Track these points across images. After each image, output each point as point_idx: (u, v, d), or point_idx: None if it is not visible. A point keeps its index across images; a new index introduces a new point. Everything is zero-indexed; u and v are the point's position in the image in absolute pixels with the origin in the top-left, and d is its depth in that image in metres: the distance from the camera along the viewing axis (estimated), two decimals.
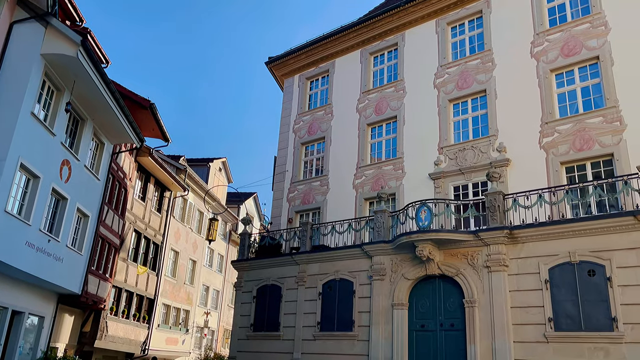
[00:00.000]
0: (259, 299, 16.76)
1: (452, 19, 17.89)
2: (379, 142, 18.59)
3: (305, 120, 21.11)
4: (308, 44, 21.40)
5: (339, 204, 18.32)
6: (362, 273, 14.68)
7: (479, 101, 16.44)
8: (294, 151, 20.89)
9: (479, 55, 16.73)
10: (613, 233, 11.06)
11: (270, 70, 22.96)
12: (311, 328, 15.07)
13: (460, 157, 15.86)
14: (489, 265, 12.38)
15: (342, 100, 20.12)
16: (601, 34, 14.39)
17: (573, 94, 14.60)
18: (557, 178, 13.81)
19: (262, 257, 17.34)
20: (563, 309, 11.22)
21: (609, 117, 13.51)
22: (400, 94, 18.35)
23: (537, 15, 15.85)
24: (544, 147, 14.38)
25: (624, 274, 10.72)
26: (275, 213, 20.31)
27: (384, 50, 19.71)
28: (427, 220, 13.36)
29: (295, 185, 20.21)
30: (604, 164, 13.43)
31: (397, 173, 17.27)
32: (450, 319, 12.90)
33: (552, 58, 15.10)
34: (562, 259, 11.53)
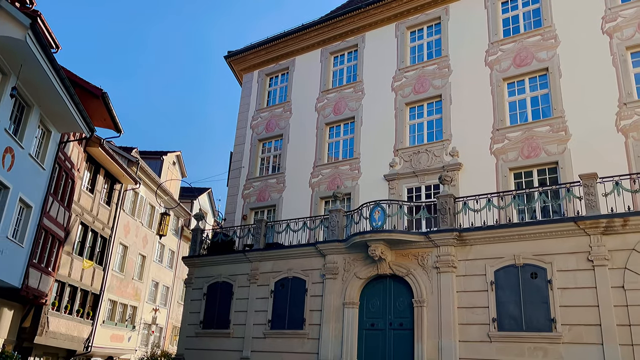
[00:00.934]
0: (210, 296, 16.51)
1: (412, 24, 18.22)
2: (336, 142, 18.70)
3: (264, 117, 20.97)
4: (269, 40, 21.27)
5: (294, 202, 18.31)
6: (315, 272, 14.72)
7: (434, 106, 16.81)
8: (251, 147, 20.71)
9: (436, 61, 17.11)
10: (555, 238, 11.57)
11: (229, 64, 22.68)
12: (262, 326, 14.99)
13: (415, 159, 16.18)
14: (438, 266, 12.68)
15: (301, 98, 20.11)
16: (551, 47, 15.02)
17: (523, 103, 15.16)
18: (506, 183, 14.31)
19: (214, 253, 17.08)
20: (506, 309, 11.64)
21: (555, 126, 14.12)
22: (358, 95, 18.52)
23: (492, 25, 16.37)
24: (495, 153, 14.87)
25: (563, 277, 11.23)
26: (229, 209, 20.08)
27: (344, 51, 19.84)
28: (380, 220, 13.55)
29: (251, 181, 20.05)
30: (549, 171, 14.03)
31: (354, 173, 17.43)
32: (399, 318, 13.13)
33: (504, 67, 15.63)
34: (507, 261, 11.95)
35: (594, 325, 10.58)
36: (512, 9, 16.41)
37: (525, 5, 16.16)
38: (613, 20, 14.30)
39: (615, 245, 10.91)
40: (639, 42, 13.74)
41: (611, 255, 10.87)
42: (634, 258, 10.67)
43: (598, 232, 11.05)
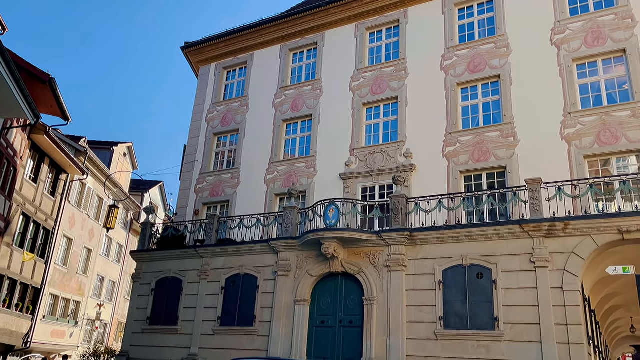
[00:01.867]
0: (158, 291, 16.13)
1: (371, 25, 18.40)
2: (293, 139, 18.65)
3: (220, 111, 20.65)
4: (228, 32, 20.95)
5: (249, 198, 18.14)
6: (268, 269, 14.64)
7: (390, 107, 17.05)
8: (206, 141, 20.36)
9: (394, 63, 17.35)
10: (501, 239, 11.98)
11: (186, 56, 22.19)
12: (211, 323, 14.78)
13: (370, 159, 16.36)
14: (389, 264, 12.88)
15: (259, 93, 19.93)
16: (503, 55, 15.53)
17: (475, 108, 15.61)
18: (456, 186, 14.70)
19: (164, 248, 16.70)
20: (453, 308, 11.96)
21: (504, 132, 14.62)
22: (317, 93, 18.55)
23: (448, 30, 16.76)
24: (447, 155, 15.24)
25: (507, 278, 11.66)
26: (181, 204, 19.66)
27: (304, 48, 19.81)
28: (334, 218, 13.63)
29: (204, 176, 19.70)
30: (498, 175, 14.52)
31: (309, 171, 17.44)
32: (349, 315, 13.25)
33: (459, 72, 16.04)
34: (455, 261, 12.28)
35: (533, 324, 11.04)
36: (468, 16, 16.85)
37: (481, 13, 16.64)
38: (562, 32, 14.94)
39: (556, 248, 11.42)
40: (585, 54, 14.42)
41: (552, 258, 11.37)
42: (572, 260, 11.20)
43: (540, 235, 11.53)
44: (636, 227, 10.75)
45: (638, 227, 10.74)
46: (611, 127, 13.29)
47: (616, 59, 14.16)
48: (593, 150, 13.36)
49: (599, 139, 13.36)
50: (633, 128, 13.03)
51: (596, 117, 13.57)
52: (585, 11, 14.96)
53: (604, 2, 14.83)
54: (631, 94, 13.45)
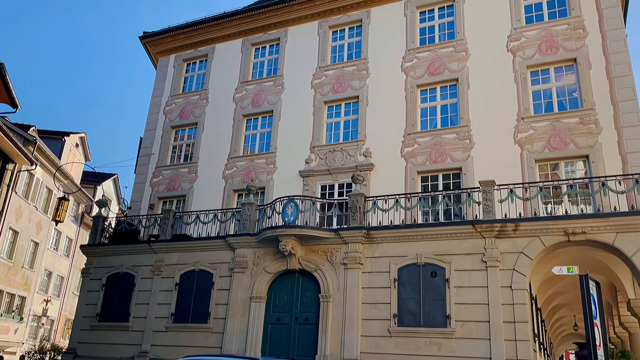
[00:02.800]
0: (109, 287, 15.67)
1: (334, 24, 18.44)
2: (253, 135, 18.48)
3: (178, 103, 20.22)
4: (188, 24, 20.53)
5: (206, 194, 17.86)
6: (224, 265, 14.47)
7: (351, 106, 17.16)
8: (163, 134, 19.89)
9: (356, 62, 17.47)
10: (454, 239, 12.29)
11: (144, 46, 21.60)
12: (164, 319, 14.48)
13: (330, 157, 16.42)
14: (346, 262, 12.98)
15: (219, 87, 19.64)
16: (462, 59, 15.89)
17: (434, 110, 15.92)
18: (414, 185, 14.95)
19: (116, 243, 16.23)
20: (407, 306, 12.17)
21: (461, 134, 14.98)
22: (278, 89, 18.44)
23: (410, 32, 17.01)
24: (405, 156, 15.48)
25: (459, 277, 11.96)
26: (135, 197, 19.14)
27: (266, 44, 19.66)
28: (293, 215, 13.61)
29: (160, 169, 19.25)
30: (453, 176, 14.86)
31: (269, 167, 17.34)
32: (305, 313, 13.27)
33: (419, 74, 16.31)
34: (410, 260, 12.50)
35: (483, 322, 11.37)
36: (429, 19, 17.15)
37: (441, 17, 16.97)
38: (517, 39, 15.43)
39: (506, 248, 11.81)
40: (538, 62, 14.94)
41: (502, 257, 11.74)
42: (521, 260, 11.60)
43: (492, 236, 11.89)
44: (581, 230, 11.24)
45: (583, 230, 11.23)
46: (561, 133, 13.84)
47: (567, 67, 14.74)
48: (543, 155, 13.87)
49: (549, 144, 13.89)
50: (581, 134, 13.60)
51: (547, 123, 14.09)
52: (540, 20, 15.49)
53: (558, 12, 15.40)
54: (580, 102, 14.04)
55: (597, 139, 13.37)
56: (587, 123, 13.63)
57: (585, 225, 11.25)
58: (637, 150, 12.87)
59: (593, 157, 13.25)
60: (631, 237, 10.96)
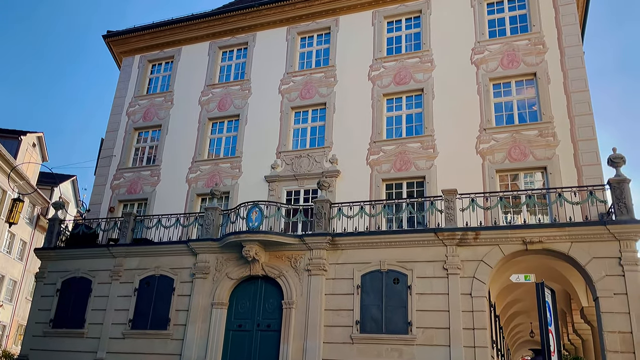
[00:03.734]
0: (64, 292, 15.15)
1: (303, 30, 18.49)
2: (218, 138, 18.27)
3: (142, 105, 19.81)
4: (155, 25, 20.18)
5: (168, 197, 17.51)
6: (185, 270, 14.21)
7: (318, 113, 17.20)
8: (125, 135, 19.43)
9: (324, 69, 17.54)
10: (417, 246, 12.45)
11: (108, 45, 21.08)
12: (122, 326, 14.09)
13: (296, 163, 16.39)
14: (310, 268, 12.95)
15: (184, 89, 19.35)
16: (427, 70, 16.19)
17: (399, 119, 16.13)
18: (378, 193, 15.08)
19: (73, 246, 15.72)
20: (369, 313, 12.23)
21: (425, 143, 15.23)
22: (245, 93, 18.32)
23: (377, 42, 17.22)
24: (370, 163, 15.60)
25: (421, 284, 12.11)
26: (95, 200, 18.58)
27: (234, 47, 19.52)
28: (257, 221, 13.50)
29: (122, 172, 18.77)
30: (417, 184, 15.07)
31: (234, 172, 17.16)
32: (267, 319, 13.15)
33: (385, 83, 16.51)
34: (374, 266, 12.59)
35: (443, 328, 11.55)
36: (396, 29, 17.41)
37: (408, 28, 17.25)
38: (481, 52, 15.83)
39: (467, 256, 12.04)
40: (501, 75, 15.36)
41: (463, 265, 11.97)
42: (481, 268, 11.86)
43: (454, 244, 12.11)
44: (538, 239, 11.58)
45: (540, 239, 11.58)
46: (521, 145, 14.25)
47: (527, 81, 15.21)
48: (504, 166, 14.24)
49: (509, 155, 14.27)
50: (540, 146, 14.04)
51: (508, 135, 14.49)
52: (502, 34, 15.96)
53: (519, 27, 15.90)
54: (539, 115, 14.50)
55: (554, 151, 13.83)
56: (545, 136, 14.08)
57: (542, 234, 11.60)
58: (591, 163, 13.38)
59: (551, 168, 13.69)
60: (585, 246, 11.36)
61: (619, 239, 11.12)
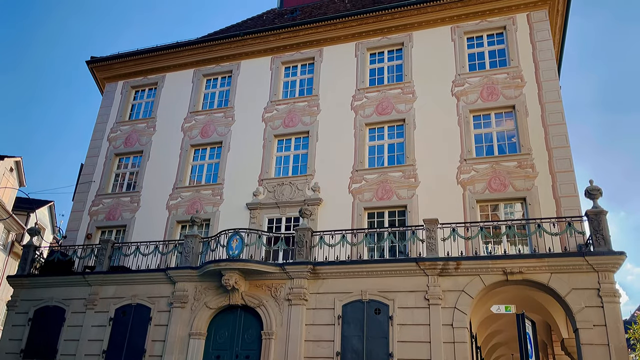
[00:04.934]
0: (36, 321, 14.66)
1: (287, 60, 18.71)
2: (200, 165, 18.18)
3: (124, 130, 19.68)
4: (139, 51, 20.24)
5: (148, 224, 17.24)
6: (163, 299, 13.89)
7: (301, 141, 17.27)
8: (106, 161, 19.21)
9: (307, 98, 17.71)
10: (398, 276, 12.39)
11: (91, 70, 21.03)
12: (95, 357, 13.64)
13: (279, 191, 16.34)
14: (291, 298, 12.77)
15: (167, 116, 19.31)
16: (409, 101, 16.45)
17: (381, 148, 16.28)
18: (360, 221, 15.07)
19: (47, 274, 15.31)
20: (350, 344, 12.05)
21: (407, 173, 15.34)
22: (229, 120, 18.35)
23: (360, 73, 17.50)
24: (352, 192, 15.63)
25: (402, 314, 12.01)
26: (72, 226, 18.19)
27: (218, 75, 19.64)
28: (237, 249, 13.34)
29: (101, 198, 18.48)
30: (399, 213, 15.10)
31: (215, 199, 17.02)
32: (246, 350, 12.87)
33: (368, 113, 16.71)
34: (355, 296, 12.46)
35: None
36: (378, 61, 17.73)
37: (390, 60, 17.59)
38: (461, 85, 16.17)
39: (448, 286, 12.02)
40: (480, 107, 15.67)
41: (444, 295, 11.93)
42: (462, 299, 11.82)
43: (435, 273, 12.09)
44: (518, 269, 11.63)
45: (520, 269, 11.63)
46: (500, 176, 14.44)
47: (507, 113, 15.53)
48: (484, 196, 14.39)
49: (489, 186, 14.44)
50: (519, 177, 14.25)
51: (488, 165, 14.70)
52: (482, 68, 16.35)
53: (498, 62, 16.33)
54: (518, 147, 14.76)
55: (533, 183, 14.04)
56: (524, 167, 14.31)
57: (522, 265, 11.66)
58: (569, 194, 13.59)
59: (530, 199, 13.87)
60: (564, 277, 11.43)
61: (598, 270, 11.23)
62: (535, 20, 16.19)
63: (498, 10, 16.61)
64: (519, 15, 16.44)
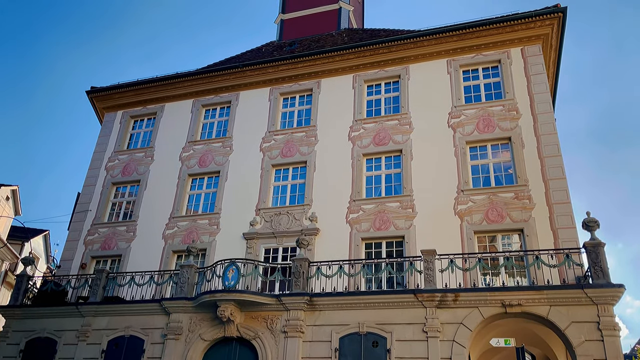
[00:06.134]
0: (27, 353, 14.37)
1: (285, 91, 18.95)
2: (197, 195, 18.16)
3: (122, 160, 19.72)
4: (139, 82, 20.48)
5: (144, 254, 17.09)
6: (157, 331, 13.66)
7: (299, 171, 17.33)
8: (103, 190, 19.18)
9: (305, 129, 17.85)
10: (396, 308, 12.25)
11: (91, 100, 21.21)
12: None
13: (276, 220, 16.29)
14: (287, 330, 12.58)
15: (166, 145, 19.39)
16: (406, 132, 16.59)
17: (379, 178, 16.33)
18: (358, 252, 14.98)
19: (40, 304, 15.07)
20: None
21: (404, 203, 15.34)
22: (227, 150, 18.44)
23: (357, 104, 17.70)
24: (350, 222, 15.59)
25: (400, 347, 11.82)
26: (66, 256, 18.01)
27: (217, 105, 19.83)
28: (234, 280, 13.21)
29: (97, 227, 18.36)
30: (397, 244, 15.03)
31: (212, 228, 16.94)
32: None
33: (365, 144, 16.83)
34: (352, 329, 12.28)
35: None
36: (375, 92, 17.97)
37: (387, 92, 17.83)
38: (457, 117, 16.35)
39: (447, 319, 11.87)
40: (477, 138, 15.81)
41: (443, 328, 11.77)
42: (461, 331, 11.66)
43: (433, 305, 11.95)
44: (517, 301, 11.52)
45: (519, 302, 11.51)
46: (498, 207, 14.45)
47: (503, 145, 15.66)
48: (482, 227, 14.36)
49: (487, 217, 14.43)
50: (516, 209, 14.25)
51: (485, 196, 14.72)
52: (478, 100, 16.57)
53: (494, 94, 16.56)
54: (515, 178, 14.82)
55: (530, 214, 14.04)
56: (521, 198, 14.34)
57: (521, 297, 11.55)
58: (567, 226, 13.58)
59: (527, 231, 13.85)
60: (564, 310, 11.32)
61: (597, 303, 11.14)
62: (530, 55, 16.51)
63: (493, 45, 16.94)
64: (513, 49, 16.77)
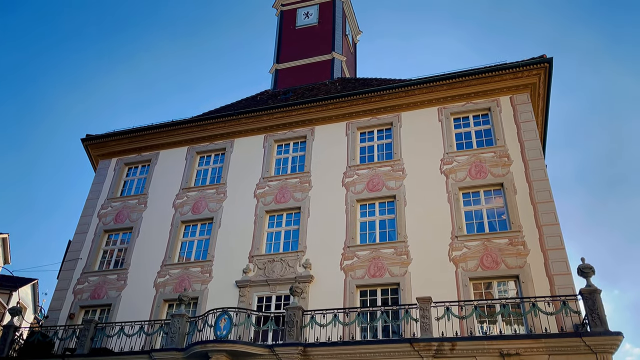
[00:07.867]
0: None
1: (280, 138, 19.17)
2: (190, 242, 17.99)
3: (115, 207, 19.62)
4: (134, 129, 20.67)
5: (134, 303, 16.72)
6: None
7: (293, 217, 17.29)
8: (94, 238, 18.97)
9: (299, 175, 17.94)
10: (392, 358, 11.94)
11: (85, 148, 21.31)
12: None
13: (269, 268, 16.10)
14: None
15: (159, 192, 19.36)
16: (399, 178, 16.71)
17: (373, 224, 16.29)
18: (352, 299, 14.73)
19: (26, 357, 14.58)
20: None
21: (398, 250, 15.25)
22: (220, 197, 18.42)
23: (350, 151, 17.90)
24: (344, 268, 15.43)
25: None
26: (55, 306, 17.57)
27: (212, 153, 19.96)
28: (225, 329, 12.90)
29: (86, 275, 18.03)
30: (392, 291, 14.82)
31: (204, 276, 16.69)
32: None
33: (359, 190, 16.89)
34: None
35: None
36: (368, 139, 18.22)
37: (380, 139, 18.08)
38: (450, 163, 16.52)
39: None
40: (469, 184, 15.92)
41: None
42: None
43: (430, 355, 11.67)
44: (515, 350, 11.28)
45: (517, 350, 11.28)
46: (492, 253, 14.38)
47: (495, 191, 15.76)
48: (477, 274, 14.22)
49: (482, 263, 14.33)
50: (511, 255, 14.18)
51: (479, 243, 14.67)
52: (469, 147, 16.81)
53: (485, 141, 16.81)
54: (508, 224, 14.82)
55: (525, 260, 13.95)
56: (515, 244, 14.30)
57: (519, 346, 11.33)
58: (562, 272, 13.48)
59: (523, 277, 13.72)
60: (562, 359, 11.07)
61: (596, 351, 10.93)
62: (519, 103, 16.90)
63: (482, 93, 17.36)
64: (502, 97, 17.18)
